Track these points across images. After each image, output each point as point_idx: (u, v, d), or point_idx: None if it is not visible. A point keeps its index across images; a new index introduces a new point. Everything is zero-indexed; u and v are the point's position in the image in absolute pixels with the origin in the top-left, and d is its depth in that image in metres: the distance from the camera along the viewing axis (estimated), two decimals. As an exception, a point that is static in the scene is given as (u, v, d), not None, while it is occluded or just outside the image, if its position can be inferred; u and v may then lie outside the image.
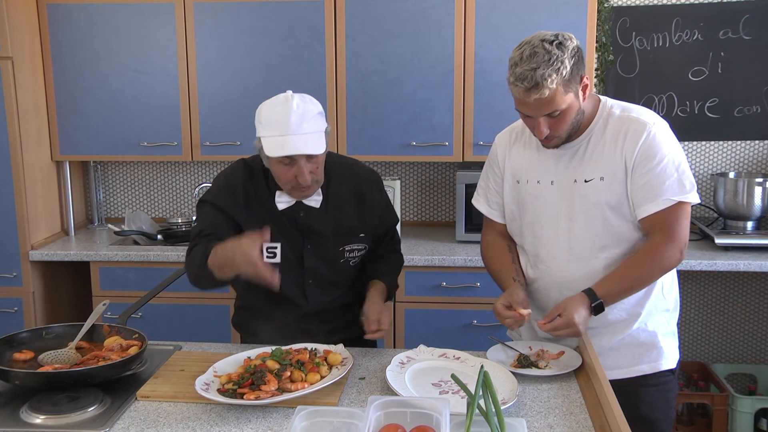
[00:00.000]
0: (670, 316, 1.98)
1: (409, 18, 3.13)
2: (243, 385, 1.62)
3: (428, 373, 1.77)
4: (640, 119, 1.81)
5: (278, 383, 1.63)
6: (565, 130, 1.80)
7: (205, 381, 1.65)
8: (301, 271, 2.00)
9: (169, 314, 3.14)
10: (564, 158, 1.88)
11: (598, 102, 1.88)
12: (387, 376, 1.69)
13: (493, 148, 2.08)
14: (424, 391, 1.68)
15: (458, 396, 1.62)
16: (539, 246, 1.94)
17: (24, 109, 3.14)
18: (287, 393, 1.61)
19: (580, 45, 1.77)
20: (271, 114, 1.84)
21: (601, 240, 1.86)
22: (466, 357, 1.85)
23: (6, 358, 1.79)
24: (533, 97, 1.70)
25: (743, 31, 3.36)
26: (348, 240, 2.01)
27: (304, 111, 1.82)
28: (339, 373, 1.70)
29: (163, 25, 3.22)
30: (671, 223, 1.80)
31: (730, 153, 3.49)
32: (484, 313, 3.04)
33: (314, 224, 1.97)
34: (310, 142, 1.81)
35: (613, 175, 1.82)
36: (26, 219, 3.16)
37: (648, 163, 1.78)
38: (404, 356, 1.85)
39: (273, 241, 1.94)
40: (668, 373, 1.96)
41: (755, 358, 3.60)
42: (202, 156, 3.32)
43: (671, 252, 1.80)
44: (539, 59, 1.68)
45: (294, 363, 1.70)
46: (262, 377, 1.63)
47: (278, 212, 1.96)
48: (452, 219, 3.64)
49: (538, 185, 1.92)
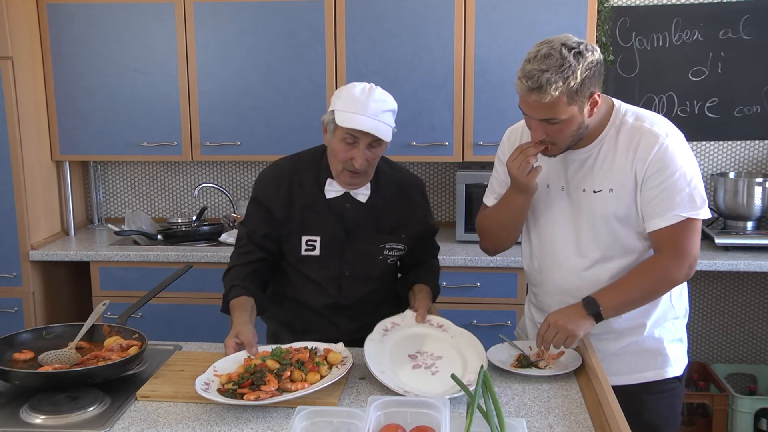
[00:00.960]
0: (679, 323, 1.94)
1: (409, 18, 3.13)
2: (243, 385, 1.62)
3: (408, 343, 1.86)
4: (653, 131, 1.75)
5: (278, 383, 1.63)
6: (563, 141, 1.74)
7: (205, 381, 1.65)
8: (339, 263, 2.02)
9: (169, 314, 3.14)
10: (574, 165, 1.84)
11: (612, 107, 1.82)
12: (365, 347, 1.76)
13: (503, 141, 2.01)
14: (399, 361, 1.78)
15: (429, 372, 1.75)
16: (544, 251, 1.92)
17: (24, 109, 3.14)
18: (287, 393, 1.61)
19: (602, 61, 1.70)
20: (351, 93, 1.88)
21: (608, 250, 1.82)
22: (449, 326, 1.92)
23: (6, 358, 1.79)
24: (533, 98, 1.65)
25: (743, 31, 3.36)
26: (389, 238, 2.04)
27: (383, 102, 1.88)
28: (339, 372, 1.70)
29: (163, 25, 3.22)
30: (680, 239, 1.75)
31: (730, 153, 3.49)
32: (484, 313, 3.04)
33: (359, 218, 2.00)
34: (381, 129, 1.85)
35: (623, 187, 1.77)
36: (26, 219, 3.16)
37: (659, 176, 1.73)
38: (389, 322, 1.92)
39: (314, 234, 2.00)
40: (674, 380, 1.92)
41: (755, 358, 3.60)
42: (202, 156, 3.32)
43: (679, 268, 1.76)
44: (551, 62, 1.62)
45: (294, 362, 1.70)
46: (262, 377, 1.63)
47: (324, 202, 1.99)
48: (452, 219, 3.64)
49: (547, 189, 1.89)
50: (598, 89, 1.72)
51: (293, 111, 3.23)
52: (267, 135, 3.27)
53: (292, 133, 3.22)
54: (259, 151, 3.28)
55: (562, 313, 1.78)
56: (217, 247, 3.24)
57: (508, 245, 2.01)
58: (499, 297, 3.03)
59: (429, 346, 1.86)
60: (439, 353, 1.83)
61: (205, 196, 3.76)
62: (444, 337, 1.88)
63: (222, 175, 3.72)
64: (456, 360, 1.79)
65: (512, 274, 3.01)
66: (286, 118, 3.24)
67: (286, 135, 3.24)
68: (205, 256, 3.11)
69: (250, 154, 3.31)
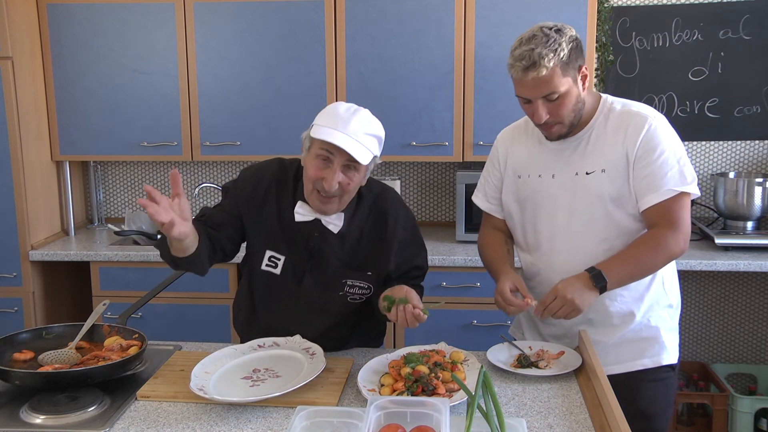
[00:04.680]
0: (673, 312, 1.99)
1: (409, 18, 3.13)
2: (415, 393, 1.60)
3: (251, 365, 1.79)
4: (641, 113, 1.84)
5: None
6: (566, 117, 1.81)
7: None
8: (297, 290, 1.92)
9: (169, 314, 3.14)
10: (565, 152, 1.90)
11: (599, 98, 1.91)
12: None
13: (494, 145, 2.09)
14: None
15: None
16: (541, 240, 1.96)
17: (24, 109, 3.14)
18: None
19: (579, 37, 1.81)
20: (335, 109, 1.77)
21: (603, 232, 1.87)
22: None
23: (6, 358, 1.79)
24: (530, 76, 1.74)
25: (743, 31, 3.36)
26: (353, 274, 1.90)
27: (367, 125, 1.76)
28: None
29: (163, 25, 3.22)
30: (674, 213, 1.81)
31: (730, 153, 3.49)
32: (484, 313, 3.04)
33: (325, 248, 1.88)
34: (358, 150, 1.72)
35: (615, 168, 1.83)
36: (26, 219, 3.16)
37: (649, 155, 1.80)
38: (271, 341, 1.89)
39: (279, 252, 1.90)
40: (669, 368, 1.96)
41: (755, 358, 3.60)
42: (202, 156, 3.32)
43: (675, 239, 1.81)
44: (537, 41, 1.74)
45: (432, 365, 1.69)
46: (430, 383, 1.62)
47: (293, 224, 1.87)
48: (452, 219, 3.65)
49: (539, 179, 1.94)
50: (583, 62, 1.82)
51: (293, 111, 3.23)
52: (267, 135, 3.27)
53: (292, 133, 3.22)
54: (259, 151, 3.28)
55: (569, 284, 1.78)
56: (217, 247, 3.23)
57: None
58: (499, 297, 3.03)
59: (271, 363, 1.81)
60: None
61: (205, 196, 3.76)
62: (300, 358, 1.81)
63: (222, 175, 3.72)
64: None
65: (512, 274, 3.01)
66: (286, 118, 3.24)
67: (286, 135, 3.24)
68: (205, 256, 3.10)
69: (250, 154, 3.31)
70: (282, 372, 1.75)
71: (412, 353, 1.74)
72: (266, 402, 1.61)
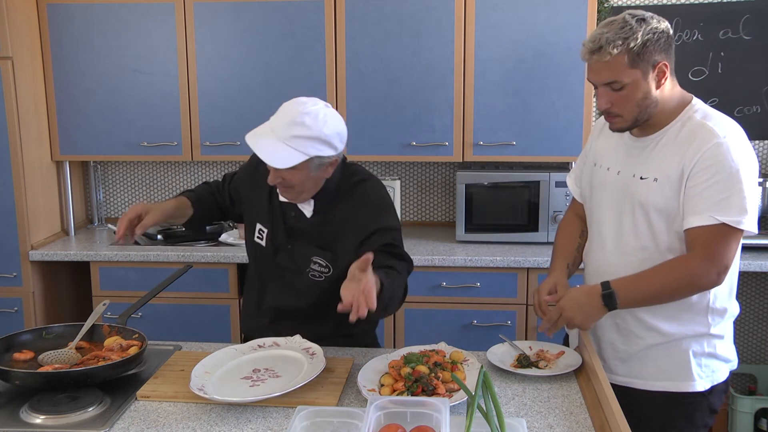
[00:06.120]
0: (714, 339, 1.82)
1: (409, 18, 3.13)
2: (415, 393, 1.60)
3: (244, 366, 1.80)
4: (713, 130, 1.70)
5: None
6: (629, 112, 1.72)
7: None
8: (275, 263, 2.04)
9: (169, 314, 3.14)
10: (634, 150, 1.83)
11: (686, 103, 1.79)
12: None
13: (591, 132, 2.07)
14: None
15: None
16: (594, 232, 1.94)
17: (24, 109, 3.14)
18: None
19: (671, 34, 1.73)
20: (281, 110, 1.85)
21: (644, 240, 1.79)
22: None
23: (6, 358, 1.79)
24: (594, 59, 1.69)
25: (743, 31, 3.36)
26: (317, 252, 1.97)
27: (299, 126, 1.77)
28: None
29: (163, 25, 3.22)
30: (713, 243, 1.67)
31: (730, 153, 3.49)
32: (484, 313, 3.04)
33: (299, 227, 2.00)
34: (276, 151, 1.77)
35: (668, 179, 1.73)
36: (26, 219, 3.16)
37: (704, 174, 1.67)
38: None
39: (264, 224, 2.04)
40: (697, 394, 1.81)
41: (755, 358, 3.60)
42: (202, 156, 3.32)
43: (707, 270, 1.67)
44: (613, 26, 1.68)
45: (432, 365, 1.69)
46: (430, 383, 1.61)
47: (278, 202, 2.02)
48: (452, 219, 3.65)
49: (606, 172, 1.89)
50: (667, 60, 1.72)
51: (293, 111, 3.22)
52: (267, 135, 3.26)
53: (292, 133, 3.22)
54: (259, 151, 3.28)
55: (576, 301, 1.75)
56: (217, 247, 3.23)
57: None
58: (499, 297, 3.03)
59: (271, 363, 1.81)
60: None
61: (205, 196, 3.75)
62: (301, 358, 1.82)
63: (222, 175, 3.72)
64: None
65: (512, 274, 3.01)
66: (286, 118, 3.23)
67: (286, 135, 3.23)
68: (205, 256, 3.11)
69: (250, 154, 3.30)
70: (282, 372, 1.75)
71: (412, 353, 1.74)
72: (266, 402, 1.61)
